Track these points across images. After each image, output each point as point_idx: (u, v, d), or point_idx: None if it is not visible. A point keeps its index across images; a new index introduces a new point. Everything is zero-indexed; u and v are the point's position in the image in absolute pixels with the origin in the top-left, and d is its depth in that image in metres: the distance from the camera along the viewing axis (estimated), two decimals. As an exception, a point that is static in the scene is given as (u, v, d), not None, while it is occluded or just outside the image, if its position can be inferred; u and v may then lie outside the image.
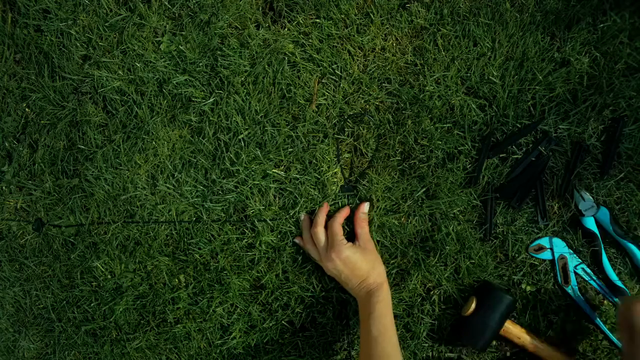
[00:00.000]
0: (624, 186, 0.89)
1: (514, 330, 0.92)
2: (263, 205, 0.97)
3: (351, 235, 0.94)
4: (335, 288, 0.97)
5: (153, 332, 1.05)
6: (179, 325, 1.03)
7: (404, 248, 0.94)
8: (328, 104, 0.94)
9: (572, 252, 0.91)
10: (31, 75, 1.03)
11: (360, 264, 0.88)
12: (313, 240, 0.93)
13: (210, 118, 0.96)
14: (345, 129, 0.94)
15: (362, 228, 0.93)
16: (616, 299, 0.90)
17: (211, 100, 0.96)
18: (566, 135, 0.89)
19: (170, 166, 0.99)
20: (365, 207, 0.94)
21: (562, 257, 0.91)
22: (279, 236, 0.97)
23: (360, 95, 0.93)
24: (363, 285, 0.88)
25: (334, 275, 0.91)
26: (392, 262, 0.95)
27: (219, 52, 0.95)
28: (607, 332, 0.92)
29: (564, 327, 0.93)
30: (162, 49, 0.97)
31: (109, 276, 1.05)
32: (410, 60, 0.92)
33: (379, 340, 0.82)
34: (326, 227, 0.92)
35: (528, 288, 0.94)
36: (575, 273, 0.91)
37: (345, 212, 0.94)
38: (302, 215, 0.95)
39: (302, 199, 0.95)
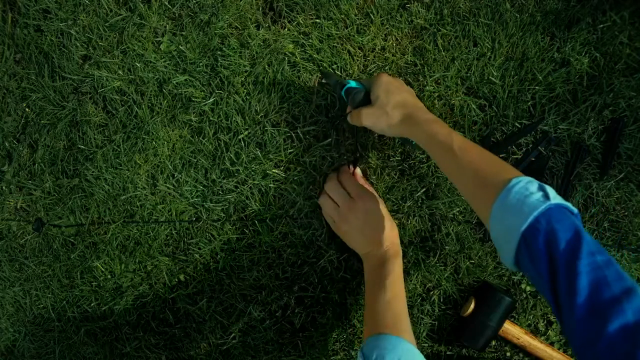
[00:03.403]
0: (624, 186, 0.89)
1: (513, 330, 0.92)
2: (263, 205, 0.97)
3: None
4: (335, 289, 0.97)
5: (153, 332, 1.05)
6: (178, 325, 1.03)
7: (404, 248, 0.94)
8: (328, 104, 0.94)
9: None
10: (31, 75, 1.03)
11: (378, 224, 0.86)
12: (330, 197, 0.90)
13: (210, 118, 0.96)
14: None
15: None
16: None
17: (211, 100, 0.96)
18: (566, 135, 0.89)
19: (170, 166, 0.99)
20: (359, 171, 0.93)
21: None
22: (279, 236, 0.97)
23: (360, 96, 0.93)
24: (379, 249, 0.86)
25: (346, 233, 0.88)
26: (392, 262, 0.95)
27: (219, 52, 0.95)
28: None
29: None
30: (162, 49, 0.97)
31: (109, 276, 1.05)
32: (410, 60, 0.92)
33: (393, 303, 0.81)
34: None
35: (528, 288, 0.94)
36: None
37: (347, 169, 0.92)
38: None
39: (301, 198, 0.95)
